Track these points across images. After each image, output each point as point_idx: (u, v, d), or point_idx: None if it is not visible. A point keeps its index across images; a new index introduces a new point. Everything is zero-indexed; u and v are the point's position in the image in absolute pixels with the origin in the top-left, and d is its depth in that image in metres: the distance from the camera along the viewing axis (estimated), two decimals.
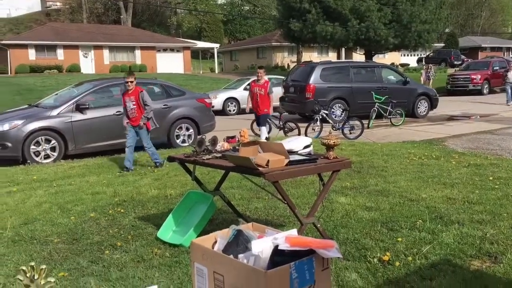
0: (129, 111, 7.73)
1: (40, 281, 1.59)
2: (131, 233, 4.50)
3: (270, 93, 9.81)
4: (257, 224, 2.16)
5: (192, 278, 2.00)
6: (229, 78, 29.58)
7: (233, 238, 1.86)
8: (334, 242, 1.77)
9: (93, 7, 57.98)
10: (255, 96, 9.82)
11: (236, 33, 57.63)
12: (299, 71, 15.76)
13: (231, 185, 6.14)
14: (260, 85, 9.84)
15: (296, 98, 14.85)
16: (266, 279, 1.66)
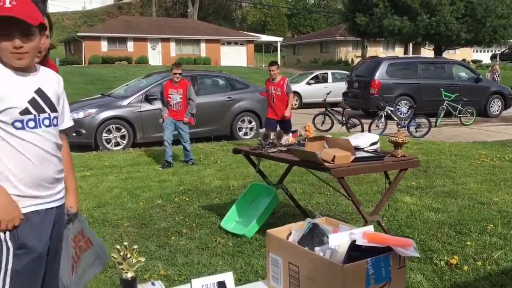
0: (174, 104, 7.44)
1: (132, 259, 1.71)
2: (195, 221, 4.64)
3: (289, 93, 7.98)
4: (330, 219, 2.18)
5: (266, 267, 2.05)
6: (291, 72, 29.51)
7: (309, 231, 1.89)
8: (412, 241, 1.76)
9: (162, 1, 59.77)
10: (271, 97, 8.07)
11: (300, 27, 57.28)
12: (364, 66, 15.45)
13: (292, 179, 6.16)
14: (275, 84, 7.95)
15: (360, 94, 14.58)
16: (343, 273, 1.68)
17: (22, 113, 1.84)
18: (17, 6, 1.78)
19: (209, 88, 10.95)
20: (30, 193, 1.88)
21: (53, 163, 1.94)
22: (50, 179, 1.93)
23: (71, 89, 22.17)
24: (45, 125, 1.91)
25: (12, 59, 1.83)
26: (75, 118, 9.33)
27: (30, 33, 1.82)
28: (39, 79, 1.94)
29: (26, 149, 1.85)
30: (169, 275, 3.40)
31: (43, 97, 1.92)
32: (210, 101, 10.37)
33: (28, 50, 1.83)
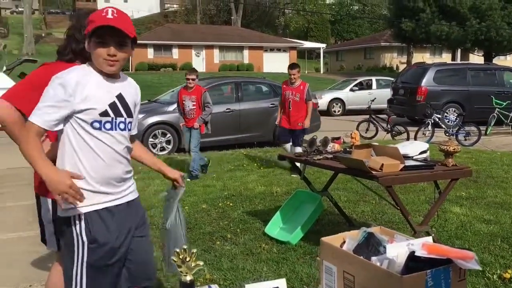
0: (187, 111, 7.12)
1: (191, 263, 1.75)
2: (240, 226, 4.67)
3: (308, 100, 7.12)
4: (385, 228, 2.14)
5: (320, 275, 2.04)
6: (334, 79, 29.31)
7: (364, 240, 1.86)
8: (473, 254, 1.70)
9: (206, 9, 60.80)
10: (287, 102, 7.13)
11: (343, 33, 56.79)
12: (410, 73, 15.13)
13: (336, 186, 6.10)
14: (294, 89, 7.12)
15: (406, 101, 14.27)
16: (402, 284, 1.64)
17: (102, 114, 1.99)
18: (117, 18, 1.96)
19: (253, 94, 11.01)
20: (100, 189, 2.01)
21: (123, 164, 2.07)
22: (118, 179, 2.06)
23: None
24: (120, 128, 2.05)
25: (104, 65, 1.99)
26: None
27: (124, 44, 1.99)
28: (121, 85, 2.10)
29: (100, 149, 1.99)
30: (214, 279, 3.44)
31: (122, 102, 2.07)
32: (254, 107, 10.43)
33: (120, 59, 1.99)
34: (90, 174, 1.98)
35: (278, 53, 39.84)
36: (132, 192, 2.18)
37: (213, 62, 37.57)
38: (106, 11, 1.97)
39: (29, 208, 5.58)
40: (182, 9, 64.43)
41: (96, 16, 1.98)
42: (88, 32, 1.96)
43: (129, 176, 2.15)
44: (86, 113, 1.96)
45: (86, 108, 1.95)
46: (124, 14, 2.03)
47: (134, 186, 2.21)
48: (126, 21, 2.00)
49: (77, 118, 1.97)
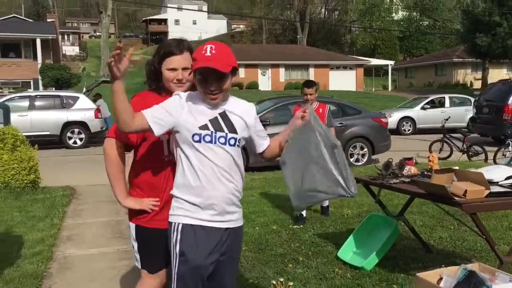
0: None
1: None
2: (311, 249, 4.61)
3: (330, 126, 5.51)
4: (483, 265, 2.03)
5: None
6: (403, 96, 28.52)
7: (465, 279, 1.77)
8: None
9: (272, 28, 61.74)
10: None
11: (413, 49, 55.26)
12: (494, 90, 14.45)
13: (411, 210, 5.85)
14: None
15: (491, 120, 13.61)
16: None
17: (202, 128, 2.11)
18: (216, 55, 2.07)
19: None
20: (199, 204, 2.10)
21: (226, 180, 2.13)
22: (220, 197, 2.12)
23: None
24: (220, 142, 2.13)
25: (208, 100, 2.14)
26: None
27: (223, 77, 2.10)
28: (226, 105, 2.21)
29: (201, 161, 2.10)
30: None
31: (225, 119, 2.17)
32: None
33: (221, 91, 2.12)
34: (189, 186, 2.09)
35: (344, 70, 39.48)
36: (235, 220, 2.21)
37: (279, 80, 37.89)
38: (205, 49, 2.08)
39: (108, 225, 5.85)
40: (248, 29, 65.88)
41: (197, 54, 2.11)
42: (193, 70, 2.13)
43: (235, 199, 2.18)
44: (187, 128, 2.11)
45: (188, 121, 2.11)
46: (222, 48, 2.12)
47: (239, 214, 2.24)
48: (225, 55, 2.10)
49: (182, 132, 2.12)
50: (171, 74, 2.34)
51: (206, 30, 73.72)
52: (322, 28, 60.44)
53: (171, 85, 2.36)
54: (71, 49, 64.11)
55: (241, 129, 2.22)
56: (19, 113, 13.74)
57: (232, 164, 2.16)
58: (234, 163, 2.18)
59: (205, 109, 2.15)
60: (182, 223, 2.09)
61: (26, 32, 32.04)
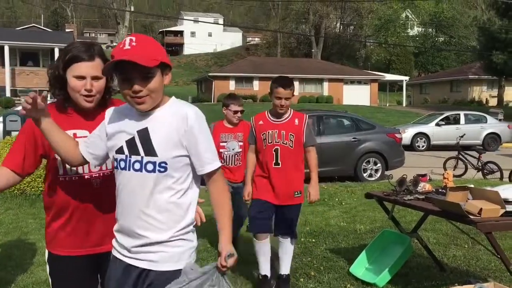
0: (229, 156, 4.80)
1: None
2: (323, 264, 4.58)
3: (310, 145, 3.83)
4: (499, 285, 2.02)
5: None
6: (418, 112, 28.36)
7: None
8: None
9: (287, 42, 62.05)
10: (269, 152, 3.74)
11: (428, 65, 55.09)
12: None
13: (424, 227, 5.79)
14: (284, 125, 3.77)
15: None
16: None
17: (118, 151, 1.81)
18: (137, 48, 1.69)
19: (334, 128, 10.93)
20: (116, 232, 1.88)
21: (138, 212, 1.76)
22: (129, 231, 1.79)
23: None
24: (134, 169, 1.77)
25: (133, 104, 1.75)
26: None
27: (149, 75, 1.71)
28: (153, 117, 1.79)
29: (117, 188, 1.84)
30: None
31: (144, 137, 1.77)
32: (335, 141, 10.34)
33: (149, 93, 1.72)
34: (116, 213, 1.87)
35: (358, 85, 39.44)
36: (153, 262, 1.77)
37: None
38: (124, 42, 1.72)
39: None
40: (263, 43, 66.28)
41: (115, 50, 1.73)
42: (109, 68, 1.76)
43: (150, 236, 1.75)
44: (110, 150, 1.86)
45: (110, 145, 1.85)
46: (146, 39, 1.75)
47: (165, 255, 1.76)
48: (148, 48, 1.71)
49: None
50: (78, 83, 1.97)
51: (221, 43, 74.38)
52: (337, 43, 60.61)
53: (78, 97, 2.00)
54: None
55: (167, 149, 1.74)
56: None
57: (151, 194, 1.75)
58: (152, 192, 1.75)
59: (126, 126, 1.80)
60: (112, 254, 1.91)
61: (44, 42, 32.64)
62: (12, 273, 4.23)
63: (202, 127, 1.78)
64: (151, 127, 1.76)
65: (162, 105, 1.79)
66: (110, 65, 1.71)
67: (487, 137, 17.96)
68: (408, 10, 61.45)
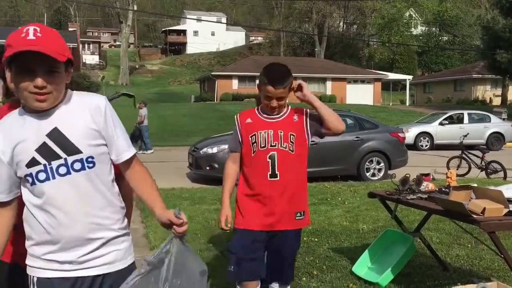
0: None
1: None
2: (325, 263, 4.58)
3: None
4: (502, 284, 2.01)
5: None
6: (421, 112, 28.31)
7: None
8: None
9: (290, 41, 62.00)
10: (262, 159, 2.70)
11: (431, 64, 55.00)
12: None
13: (427, 226, 5.78)
14: (280, 123, 2.76)
15: None
16: None
17: (29, 165, 1.59)
18: (42, 38, 1.53)
19: None
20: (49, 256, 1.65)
21: (83, 216, 1.65)
22: (77, 240, 1.64)
23: (203, 125, 23.82)
24: (60, 174, 1.61)
25: (32, 101, 1.57)
26: (210, 152, 9.95)
27: (55, 70, 1.57)
28: (58, 114, 1.64)
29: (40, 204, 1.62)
30: None
31: (59, 138, 1.61)
32: (338, 140, 10.31)
33: (52, 90, 1.57)
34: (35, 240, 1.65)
35: (361, 84, 39.39)
36: (108, 264, 1.69)
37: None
38: (27, 31, 1.53)
39: None
40: (266, 42, 66.27)
41: (13, 39, 1.53)
42: (6, 60, 1.54)
43: (103, 236, 1.67)
44: (18, 168, 1.61)
45: (16, 161, 1.60)
46: (52, 31, 1.61)
47: (119, 252, 1.72)
48: (55, 41, 1.58)
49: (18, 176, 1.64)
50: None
51: (224, 42, 74.39)
52: (340, 42, 60.56)
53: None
54: (91, 58, 65.24)
55: (88, 143, 1.64)
56: None
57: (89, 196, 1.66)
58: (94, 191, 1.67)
59: (24, 136, 1.59)
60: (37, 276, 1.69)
61: None
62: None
63: (114, 115, 1.73)
64: (60, 125, 1.61)
65: (63, 100, 1.66)
66: (11, 55, 1.50)
67: (491, 137, 17.93)
68: (412, 9, 61.33)
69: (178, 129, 22.75)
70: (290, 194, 2.73)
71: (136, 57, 71.86)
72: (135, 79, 57.02)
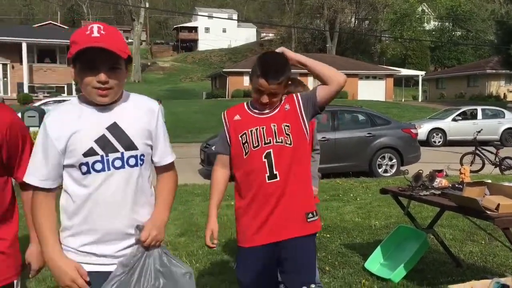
0: None
1: None
2: (337, 259, 4.58)
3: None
4: None
5: None
6: (434, 107, 28.06)
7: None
8: None
9: (301, 37, 61.78)
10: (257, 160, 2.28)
11: (444, 60, 54.40)
12: None
13: (440, 223, 5.75)
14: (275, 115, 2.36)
15: None
16: None
17: (86, 154, 1.65)
18: (106, 36, 1.62)
19: (349, 123, 10.88)
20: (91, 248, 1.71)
21: (127, 210, 1.71)
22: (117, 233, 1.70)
23: (215, 121, 23.85)
24: (115, 167, 1.68)
25: (94, 96, 1.65)
26: None
27: (117, 66, 1.65)
28: (116, 111, 1.73)
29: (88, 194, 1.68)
30: None
31: (117, 132, 1.69)
32: (350, 136, 10.30)
33: (113, 86, 1.65)
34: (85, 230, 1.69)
35: (373, 80, 39.11)
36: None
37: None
38: (91, 29, 1.62)
39: None
40: (277, 38, 66.07)
41: (79, 36, 1.63)
42: (72, 56, 1.62)
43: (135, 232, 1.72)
44: (70, 156, 1.66)
45: (70, 149, 1.65)
46: (114, 29, 1.69)
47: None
48: (117, 39, 1.66)
49: (65, 164, 1.68)
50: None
51: (235, 38, 74.33)
52: (352, 38, 60.18)
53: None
54: None
55: (143, 142, 1.74)
56: None
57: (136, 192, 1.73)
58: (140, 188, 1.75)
59: (84, 126, 1.66)
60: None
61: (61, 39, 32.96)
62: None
63: (163, 119, 1.85)
64: (119, 120, 1.70)
65: (121, 98, 1.75)
66: (78, 51, 1.58)
67: (505, 132, 17.72)
68: (424, 4, 60.68)
69: (190, 125, 22.83)
70: (294, 193, 2.27)
71: (148, 54, 72.13)
72: (147, 76, 57.28)
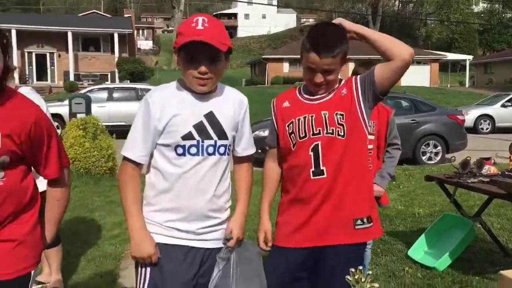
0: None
1: (366, 284, 1.67)
2: (380, 246, 4.52)
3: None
4: None
5: None
6: (482, 93, 27.05)
7: None
8: None
9: None
10: (303, 153, 1.98)
11: (494, 43, 52.12)
12: None
13: (487, 211, 5.56)
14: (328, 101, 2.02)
15: None
16: None
17: (184, 138, 1.77)
18: (209, 29, 1.70)
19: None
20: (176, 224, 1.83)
21: (210, 196, 1.83)
22: (199, 214, 1.82)
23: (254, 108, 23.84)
24: (208, 153, 1.80)
25: (194, 84, 1.77)
26: (261, 135, 9.98)
27: (217, 58, 1.76)
28: (213, 101, 1.84)
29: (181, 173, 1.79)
30: None
31: (213, 121, 1.81)
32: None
33: (212, 76, 1.76)
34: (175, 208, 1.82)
35: (417, 66, 37.96)
36: (217, 240, 1.88)
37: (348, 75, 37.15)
38: (196, 21, 1.72)
39: None
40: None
41: (185, 28, 1.74)
42: (177, 46, 1.74)
43: (219, 216, 1.87)
44: (168, 137, 1.78)
45: (167, 132, 1.77)
46: (217, 22, 1.77)
47: (222, 232, 1.90)
48: (219, 32, 1.75)
49: (159, 143, 1.80)
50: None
51: (275, 24, 73.82)
52: (395, 21, 58.55)
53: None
54: (145, 44, 66.74)
55: (232, 132, 1.87)
56: (98, 104, 14.50)
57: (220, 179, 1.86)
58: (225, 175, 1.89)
59: (184, 110, 1.78)
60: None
61: (105, 27, 33.80)
62: (79, 247, 4.49)
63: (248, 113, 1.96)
64: (215, 110, 1.81)
65: (216, 89, 1.86)
66: (184, 43, 1.70)
67: None
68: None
69: None
70: (344, 194, 1.95)
71: None
72: None
